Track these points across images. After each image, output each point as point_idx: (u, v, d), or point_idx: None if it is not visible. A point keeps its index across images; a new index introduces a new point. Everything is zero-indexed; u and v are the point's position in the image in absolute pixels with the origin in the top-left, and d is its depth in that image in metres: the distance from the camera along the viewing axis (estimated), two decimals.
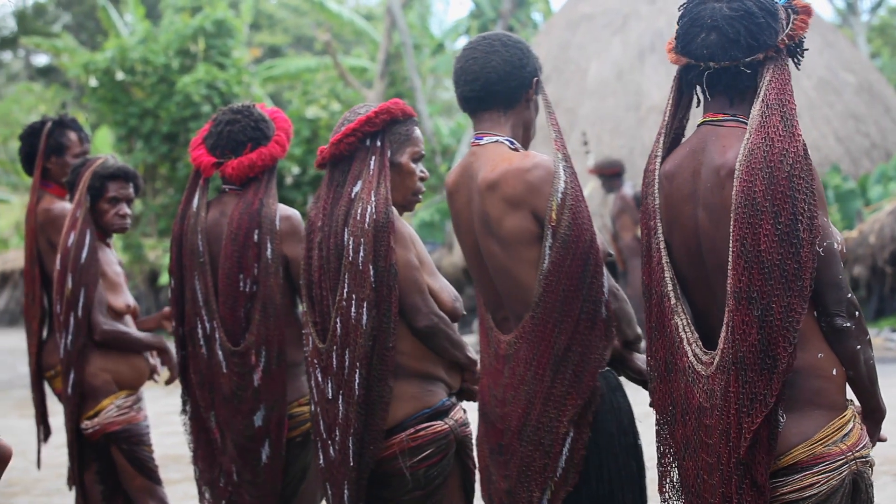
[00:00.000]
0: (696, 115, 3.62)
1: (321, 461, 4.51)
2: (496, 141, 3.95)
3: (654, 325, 3.53)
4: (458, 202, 4.08)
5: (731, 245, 3.25)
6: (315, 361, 4.50)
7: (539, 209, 3.78)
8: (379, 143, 4.46)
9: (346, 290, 4.33)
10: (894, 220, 17.72)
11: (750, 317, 3.21)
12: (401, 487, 4.37)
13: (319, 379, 4.48)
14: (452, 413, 4.44)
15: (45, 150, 6.56)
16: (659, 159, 3.57)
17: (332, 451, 4.43)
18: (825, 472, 3.25)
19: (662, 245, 3.52)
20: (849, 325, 3.28)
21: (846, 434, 3.29)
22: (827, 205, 3.36)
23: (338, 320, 4.36)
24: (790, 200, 3.18)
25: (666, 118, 3.63)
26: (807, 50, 3.49)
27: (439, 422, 4.39)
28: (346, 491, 4.39)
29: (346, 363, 4.34)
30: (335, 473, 4.42)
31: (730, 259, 3.26)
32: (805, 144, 3.24)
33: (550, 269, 3.74)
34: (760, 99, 3.31)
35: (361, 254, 4.29)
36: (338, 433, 4.39)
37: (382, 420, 4.33)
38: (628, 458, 3.88)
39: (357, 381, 4.31)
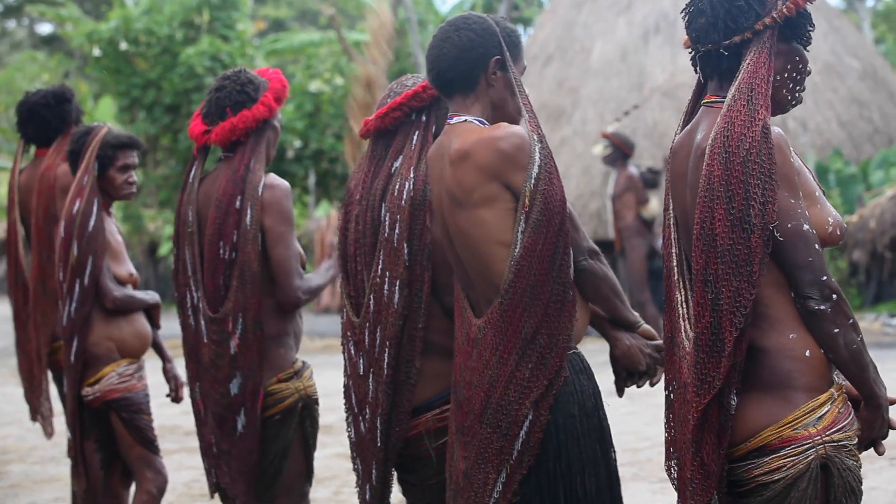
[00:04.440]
0: None
1: (352, 434, 4.47)
2: (465, 120, 3.90)
3: (666, 300, 3.57)
4: (432, 178, 4.04)
5: (693, 228, 3.29)
6: (349, 334, 4.45)
7: (512, 182, 3.73)
8: (424, 119, 4.38)
9: (380, 268, 4.26)
10: (895, 205, 17.71)
11: (705, 299, 3.25)
12: (427, 470, 4.31)
13: (353, 352, 4.42)
14: None
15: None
16: (676, 137, 3.61)
17: (362, 427, 4.38)
18: (791, 456, 3.22)
19: (672, 220, 3.57)
20: (823, 307, 3.24)
21: (819, 417, 3.25)
22: (796, 182, 3.35)
23: (371, 297, 4.30)
24: (743, 185, 3.20)
25: (691, 98, 3.68)
26: (811, 30, 3.50)
27: None
28: (374, 470, 4.35)
29: (378, 341, 4.28)
30: (364, 450, 4.38)
31: (693, 241, 3.30)
32: (765, 125, 3.24)
33: (522, 254, 3.68)
34: (736, 82, 3.34)
35: (397, 231, 4.21)
36: (367, 411, 4.34)
37: (408, 401, 4.26)
38: (591, 442, 3.79)
39: (386, 360, 4.25)
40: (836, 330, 3.25)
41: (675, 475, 3.49)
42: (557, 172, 3.75)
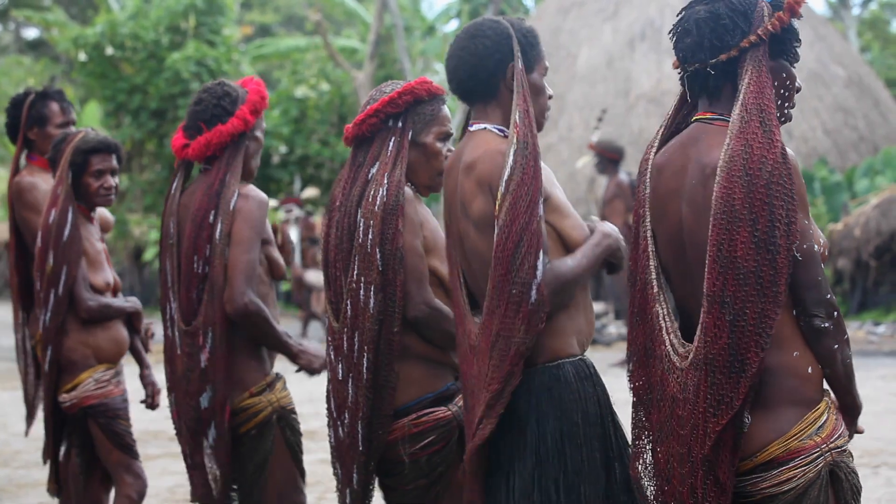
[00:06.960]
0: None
1: (332, 439, 4.49)
2: (484, 128, 3.92)
3: (637, 311, 3.57)
4: (447, 185, 4.05)
5: (708, 248, 3.30)
6: (329, 339, 4.49)
7: (497, 194, 3.75)
8: (400, 125, 4.42)
9: (355, 273, 4.31)
10: (880, 213, 17.77)
11: (722, 320, 3.27)
12: (402, 475, 4.35)
13: (332, 357, 4.45)
14: (457, 399, 4.37)
15: (26, 122, 6.58)
16: (654, 150, 3.62)
17: (340, 432, 4.41)
18: (801, 466, 3.29)
19: (650, 234, 3.56)
20: (827, 325, 3.32)
21: (820, 426, 3.33)
22: (808, 202, 3.40)
23: (348, 302, 4.35)
24: (768, 207, 3.23)
25: (670, 112, 3.69)
26: (797, 46, 3.52)
27: (442, 408, 4.34)
28: (354, 474, 4.37)
29: (356, 346, 4.32)
30: (344, 455, 4.41)
31: (706, 262, 3.31)
32: (783, 148, 3.28)
33: (493, 256, 3.71)
34: (740, 102, 3.35)
35: (370, 236, 4.26)
36: (347, 416, 4.36)
37: (389, 405, 4.31)
38: (592, 450, 3.79)
39: (365, 364, 4.29)
40: (836, 346, 3.34)
41: (655, 488, 3.52)
42: (535, 174, 3.72)
